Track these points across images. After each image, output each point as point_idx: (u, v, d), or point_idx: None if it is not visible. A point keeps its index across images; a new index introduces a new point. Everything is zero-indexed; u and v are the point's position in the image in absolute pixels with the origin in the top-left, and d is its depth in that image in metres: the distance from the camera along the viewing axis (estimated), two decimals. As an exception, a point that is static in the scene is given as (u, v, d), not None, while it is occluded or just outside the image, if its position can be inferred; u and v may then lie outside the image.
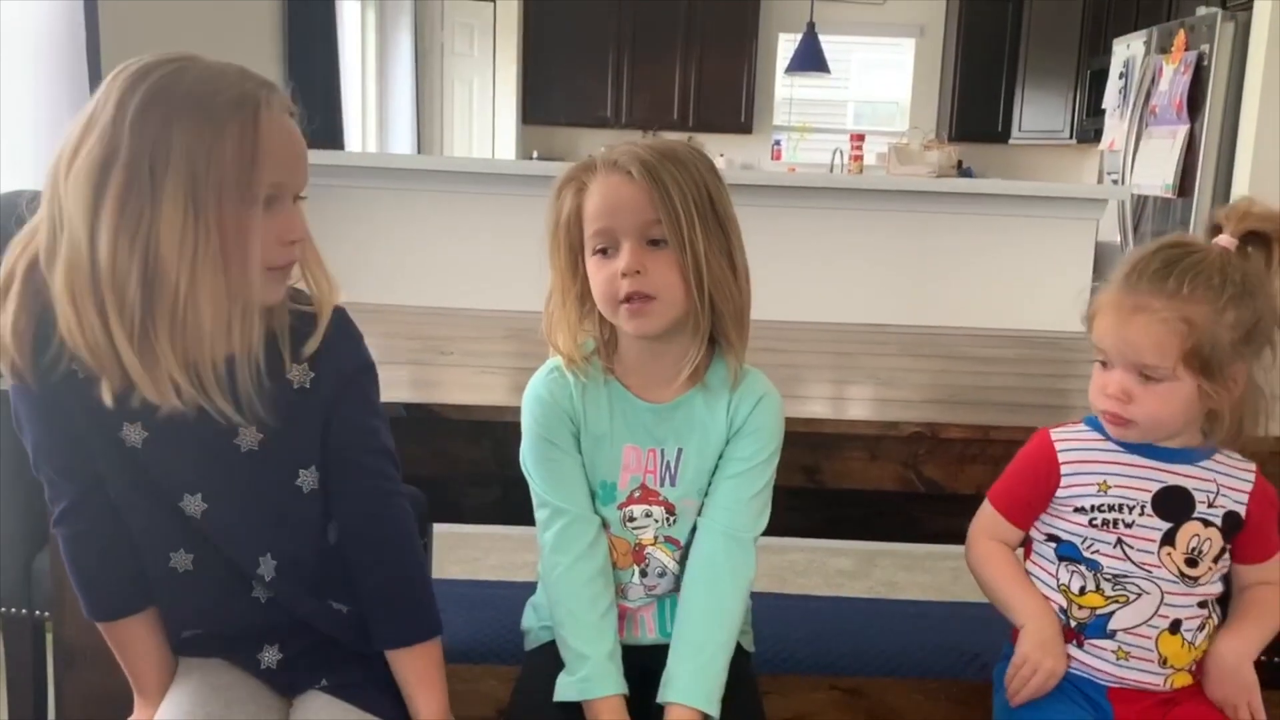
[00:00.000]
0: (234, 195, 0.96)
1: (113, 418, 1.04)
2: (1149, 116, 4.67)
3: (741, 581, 1.18)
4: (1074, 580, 1.19)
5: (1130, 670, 1.17)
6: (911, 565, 2.76)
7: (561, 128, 7.55)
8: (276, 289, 1.05)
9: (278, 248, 1.02)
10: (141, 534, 1.10)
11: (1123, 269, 1.14)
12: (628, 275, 1.10)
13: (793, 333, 1.99)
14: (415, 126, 6.09)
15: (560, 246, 1.16)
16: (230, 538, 1.10)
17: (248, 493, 1.10)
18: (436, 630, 1.15)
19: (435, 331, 1.92)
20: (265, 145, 0.98)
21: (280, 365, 1.07)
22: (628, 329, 1.14)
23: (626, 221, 1.11)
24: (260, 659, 1.16)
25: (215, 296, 0.97)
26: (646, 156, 1.10)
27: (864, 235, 3.38)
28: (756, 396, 1.19)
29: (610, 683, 1.12)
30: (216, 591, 1.13)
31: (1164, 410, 1.12)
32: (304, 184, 1.05)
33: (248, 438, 1.08)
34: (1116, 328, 1.11)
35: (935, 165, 4.86)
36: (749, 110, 7.64)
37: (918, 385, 1.72)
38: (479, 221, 3.32)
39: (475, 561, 2.68)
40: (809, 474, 1.40)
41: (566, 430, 1.18)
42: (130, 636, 1.14)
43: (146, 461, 1.07)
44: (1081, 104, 6.86)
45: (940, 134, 7.23)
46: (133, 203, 0.94)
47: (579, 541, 1.17)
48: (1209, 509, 1.16)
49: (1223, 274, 1.09)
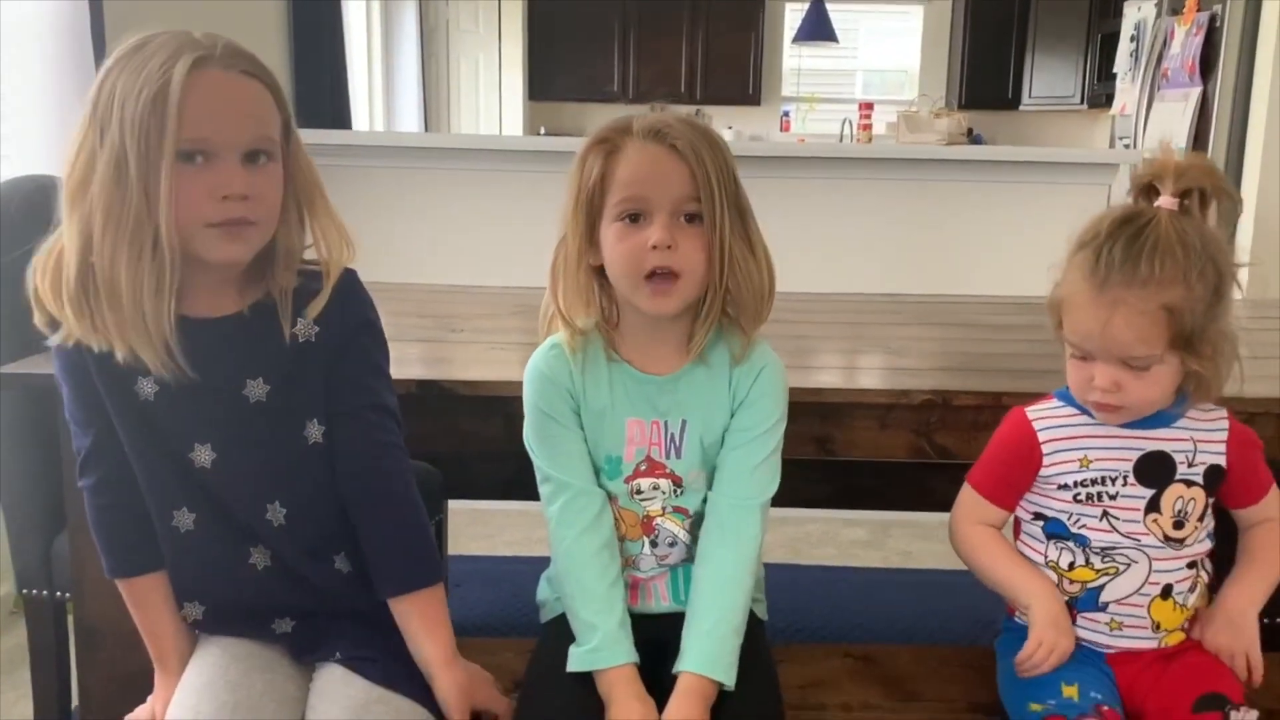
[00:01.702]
0: (153, 155, 0.98)
1: (126, 373, 1.08)
2: (1161, 80, 4.62)
3: (750, 547, 1.18)
4: (1063, 556, 1.19)
5: (1124, 639, 1.18)
6: (926, 535, 2.77)
7: (568, 103, 7.52)
8: (229, 247, 1.05)
9: (211, 204, 1.02)
10: (148, 491, 1.13)
11: (1083, 260, 1.10)
12: (659, 248, 1.10)
13: (803, 303, 1.99)
14: (422, 104, 6.07)
15: (580, 211, 1.14)
16: (239, 487, 1.13)
17: (257, 443, 1.13)
18: (438, 576, 1.18)
19: (445, 309, 1.93)
20: (181, 99, 0.98)
21: (279, 321, 1.11)
22: (645, 307, 1.13)
23: (663, 194, 1.10)
24: (274, 628, 1.19)
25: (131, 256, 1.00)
26: (689, 132, 1.11)
27: (874, 204, 3.36)
28: (758, 368, 1.19)
29: (621, 652, 1.13)
30: (216, 555, 1.16)
31: (1155, 391, 1.11)
32: (242, 140, 1.04)
33: (255, 390, 1.11)
34: (1097, 328, 1.08)
35: (945, 133, 4.83)
36: (757, 82, 7.59)
37: (928, 353, 1.71)
38: (487, 199, 3.31)
39: (491, 538, 2.70)
40: (821, 445, 1.40)
41: (566, 406, 1.18)
42: (149, 595, 1.17)
43: (158, 414, 1.10)
44: (1092, 68, 6.80)
45: (950, 101, 7.18)
46: (81, 172, 1.01)
47: (584, 515, 1.17)
48: (1189, 469, 1.16)
49: (1183, 243, 1.06)
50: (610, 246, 1.13)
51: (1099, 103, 6.44)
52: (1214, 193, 1.12)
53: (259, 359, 1.12)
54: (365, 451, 1.16)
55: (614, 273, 1.14)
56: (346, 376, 1.15)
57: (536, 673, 1.21)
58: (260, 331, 1.11)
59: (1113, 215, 1.12)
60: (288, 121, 1.10)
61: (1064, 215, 1.16)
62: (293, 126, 1.12)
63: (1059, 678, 1.14)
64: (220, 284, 1.11)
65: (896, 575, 2.58)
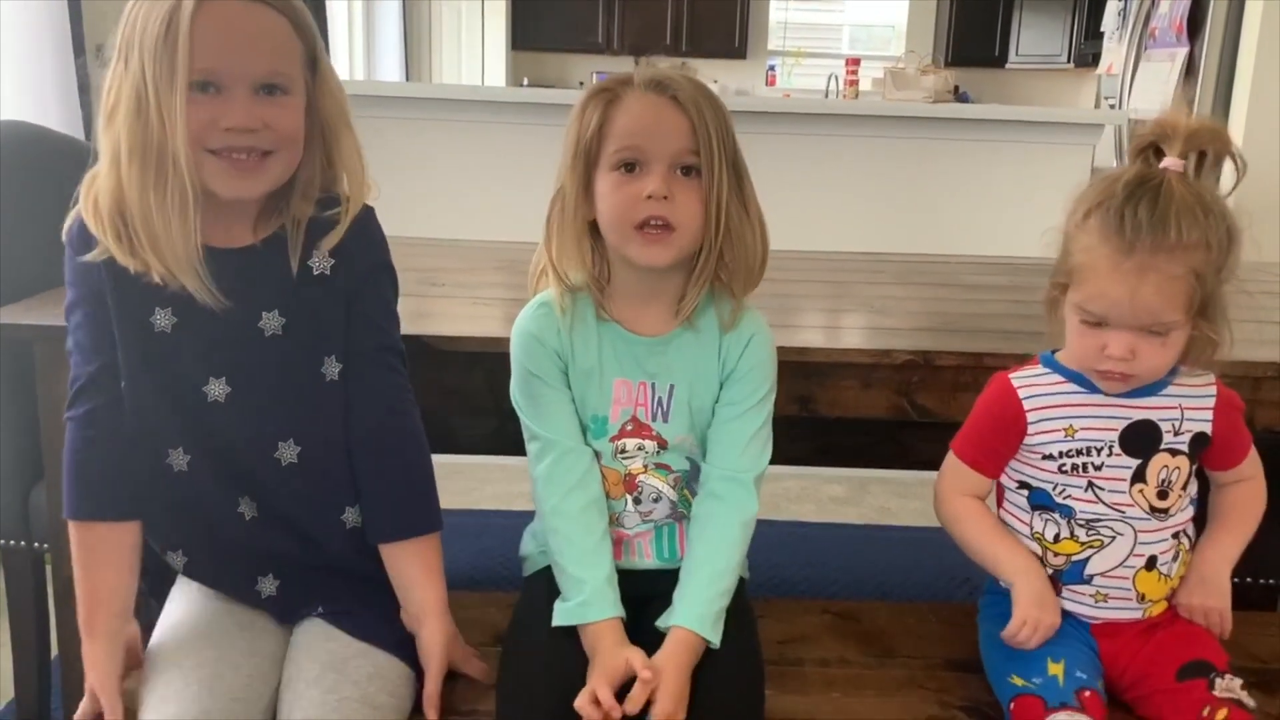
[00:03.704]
0: (166, 84, 0.99)
1: (144, 302, 1.08)
2: (1148, 39, 4.60)
3: (743, 519, 1.19)
4: (1048, 528, 1.18)
5: (1108, 610, 1.18)
6: (903, 492, 2.79)
7: (552, 53, 7.42)
8: (228, 181, 1.05)
9: (215, 133, 1.03)
10: (143, 430, 1.11)
11: (1101, 224, 1.06)
12: (654, 198, 1.09)
13: (786, 261, 1.98)
14: (403, 53, 5.98)
15: (579, 162, 1.13)
16: (251, 422, 1.13)
17: (272, 377, 1.12)
18: (440, 524, 1.19)
19: (425, 263, 1.91)
20: (191, 30, 0.99)
21: (295, 253, 1.11)
22: (636, 257, 1.12)
23: (661, 145, 1.09)
24: (259, 590, 1.18)
25: (146, 181, 1.01)
26: (691, 86, 1.11)
27: (859, 161, 3.34)
28: (748, 336, 1.19)
29: (607, 605, 1.14)
30: (205, 501, 1.15)
31: (1167, 359, 1.10)
32: (256, 71, 1.04)
33: (270, 323, 1.11)
34: (1125, 294, 1.04)
35: (931, 90, 4.80)
36: (743, 35, 7.51)
37: (911, 313, 1.71)
38: (468, 151, 3.27)
39: (473, 491, 2.70)
40: (803, 403, 1.40)
41: (554, 366, 1.18)
42: (101, 545, 1.11)
43: (172, 347, 1.10)
44: (1080, 27, 6.76)
45: (936, 59, 7.12)
46: (109, 102, 1.03)
47: (571, 473, 1.17)
48: (1175, 437, 1.15)
49: (1201, 204, 1.04)
50: (604, 196, 1.12)
51: (1085, 62, 6.42)
52: (1221, 155, 1.09)
53: (272, 291, 1.11)
54: (380, 393, 1.16)
55: (606, 222, 1.13)
56: (363, 316, 1.15)
57: (519, 626, 1.22)
58: (274, 263, 1.11)
59: (1124, 177, 1.08)
60: (313, 51, 1.09)
61: (1049, 175, 1.15)
62: (320, 55, 1.10)
63: (1045, 653, 1.14)
64: (237, 215, 1.10)
65: (875, 532, 2.61)
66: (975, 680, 1.24)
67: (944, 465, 1.24)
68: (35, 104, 2.27)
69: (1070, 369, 1.17)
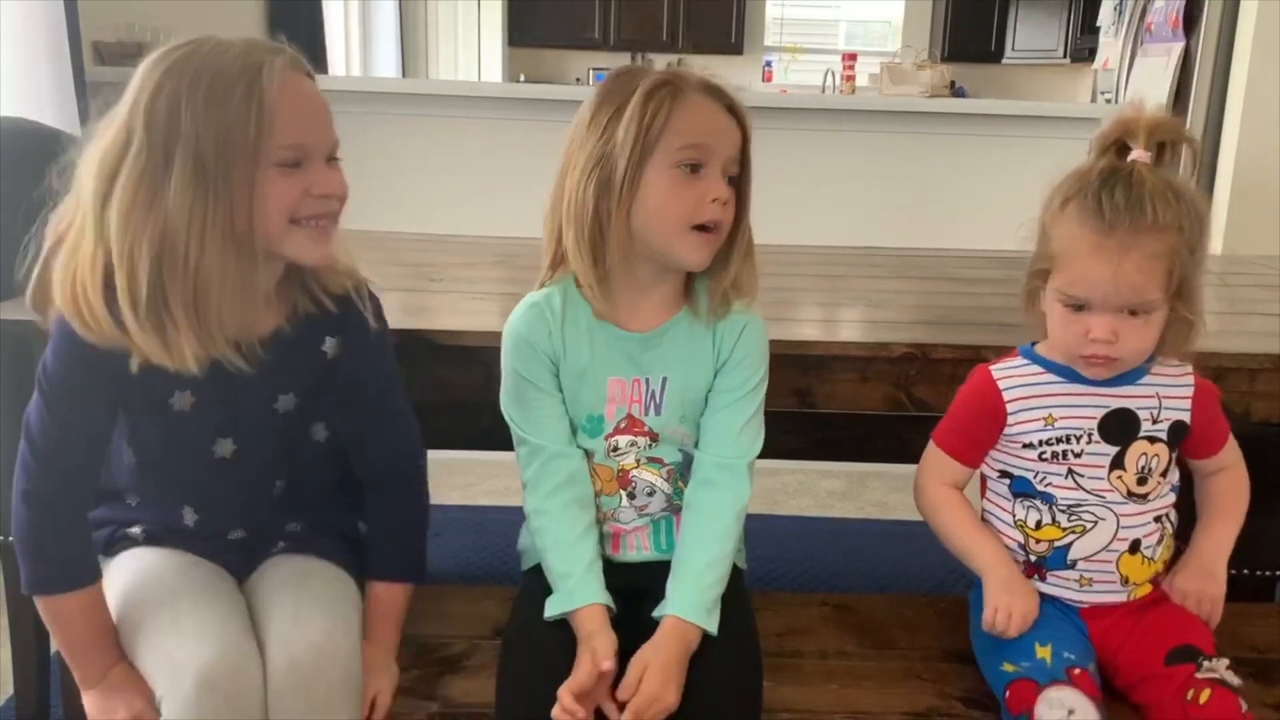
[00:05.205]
0: (246, 161, 1.00)
1: (166, 386, 1.09)
2: (1144, 34, 4.60)
3: (736, 506, 1.19)
4: (1030, 515, 1.19)
5: (1094, 594, 1.20)
6: (901, 486, 2.79)
7: (549, 50, 7.42)
8: (312, 247, 1.07)
9: (305, 199, 1.05)
10: (149, 481, 1.18)
11: (1079, 210, 1.09)
12: (718, 202, 1.11)
13: (784, 255, 1.99)
14: (400, 49, 5.98)
15: (636, 152, 1.09)
16: (250, 471, 1.18)
17: (275, 441, 1.17)
18: (420, 578, 1.25)
19: (423, 258, 1.91)
20: (274, 110, 1.00)
21: (315, 337, 1.14)
22: (682, 255, 1.13)
23: (721, 150, 1.13)
24: (229, 536, 1.21)
25: (225, 259, 1.01)
26: (735, 96, 1.15)
27: (856, 156, 3.35)
28: (741, 324, 1.20)
29: (590, 592, 1.15)
30: (204, 528, 1.20)
31: (1148, 340, 1.11)
32: (330, 142, 1.07)
33: (285, 402, 1.15)
34: (1108, 273, 1.06)
35: (928, 85, 4.80)
36: (739, 30, 7.51)
37: (908, 307, 1.72)
38: (465, 146, 3.27)
39: (471, 487, 2.70)
40: (800, 397, 1.41)
41: (545, 369, 1.19)
42: (72, 613, 1.11)
43: (188, 422, 1.12)
44: (1076, 22, 6.76)
45: (933, 54, 7.14)
46: (145, 182, 0.99)
47: (557, 475, 1.19)
48: (1153, 425, 1.16)
49: (1172, 189, 1.08)
50: (661, 191, 1.11)
51: (1082, 57, 6.42)
52: (1178, 145, 1.13)
53: (295, 375, 1.15)
54: (390, 445, 1.22)
55: (658, 218, 1.11)
56: (372, 386, 1.20)
57: (518, 620, 1.22)
58: (300, 347, 1.14)
59: (1098, 166, 1.11)
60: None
61: (1045, 170, 1.15)
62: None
63: (1033, 638, 1.15)
64: (265, 295, 1.11)
65: (872, 525, 2.61)
66: (972, 671, 1.25)
67: (925, 455, 1.26)
68: (32, 101, 2.27)
69: (1049, 360, 1.18)
